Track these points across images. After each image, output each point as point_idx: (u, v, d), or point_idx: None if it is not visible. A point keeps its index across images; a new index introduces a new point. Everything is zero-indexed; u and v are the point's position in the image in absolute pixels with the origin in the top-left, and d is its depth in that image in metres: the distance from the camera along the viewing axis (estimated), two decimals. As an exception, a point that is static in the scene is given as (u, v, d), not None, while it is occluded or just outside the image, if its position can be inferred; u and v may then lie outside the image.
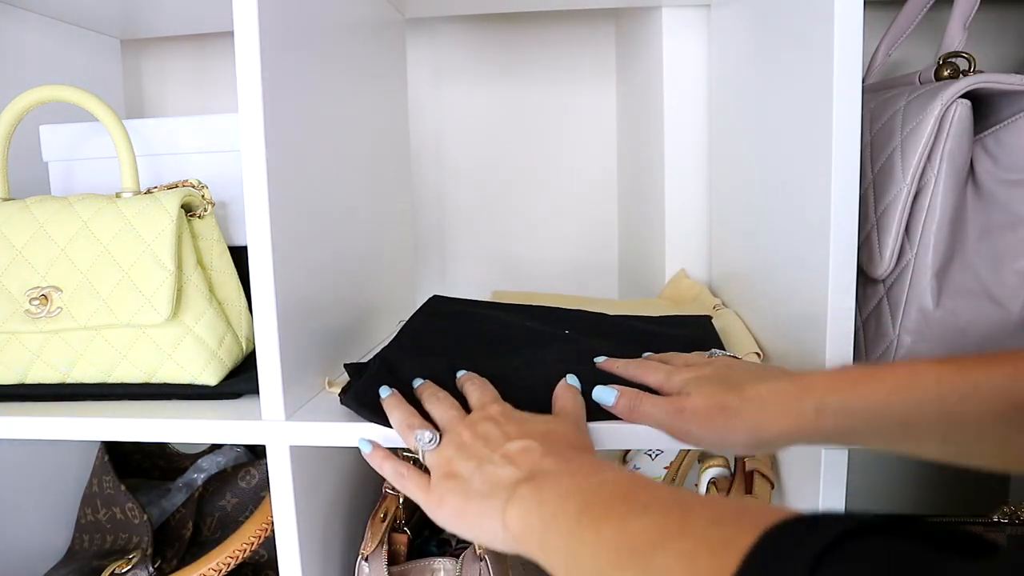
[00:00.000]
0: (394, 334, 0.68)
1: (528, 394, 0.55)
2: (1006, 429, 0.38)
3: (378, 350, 0.64)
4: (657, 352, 0.62)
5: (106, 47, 0.97)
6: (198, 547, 0.74)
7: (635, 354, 0.61)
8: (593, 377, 0.54)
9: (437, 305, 0.76)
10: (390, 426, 0.53)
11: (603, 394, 0.50)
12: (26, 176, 0.69)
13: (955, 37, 0.56)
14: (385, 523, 0.60)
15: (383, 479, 0.64)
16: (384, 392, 0.53)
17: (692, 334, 0.66)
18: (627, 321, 0.70)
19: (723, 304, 0.78)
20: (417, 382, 0.55)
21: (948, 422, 0.39)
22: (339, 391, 0.56)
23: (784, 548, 0.26)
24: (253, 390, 0.56)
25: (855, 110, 0.47)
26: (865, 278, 0.56)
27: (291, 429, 0.54)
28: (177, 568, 0.67)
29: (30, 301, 0.58)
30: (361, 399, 0.54)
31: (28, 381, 0.61)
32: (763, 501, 0.55)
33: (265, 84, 0.51)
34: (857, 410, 0.41)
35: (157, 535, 0.71)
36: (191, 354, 0.60)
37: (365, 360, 0.61)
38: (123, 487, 0.72)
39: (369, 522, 0.61)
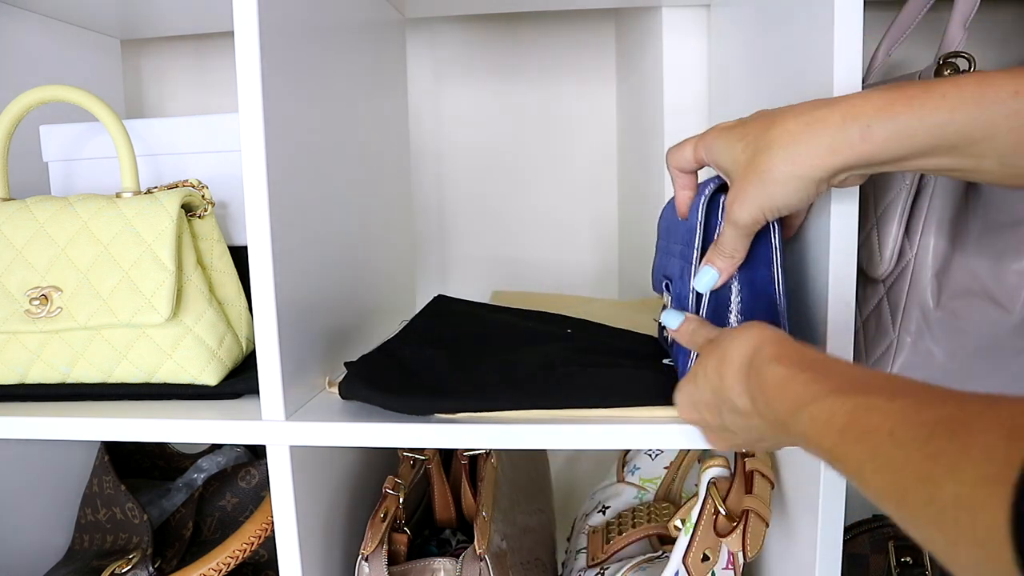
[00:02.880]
0: (395, 332, 0.68)
1: (530, 385, 0.56)
2: None
3: (378, 350, 0.64)
4: (661, 353, 0.62)
5: (106, 47, 0.97)
6: (198, 547, 0.74)
7: (638, 354, 0.62)
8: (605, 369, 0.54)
9: (441, 305, 0.76)
10: (387, 406, 0.54)
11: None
12: (26, 176, 0.69)
13: (955, 37, 0.56)
14: (385, 523, 0.60)
15: (383, 479, 0.64)
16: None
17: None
18: (630, 333, 0.70)
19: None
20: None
21: (1018, 140, 0.36)
22: (338, 384, 0.56)
23: None
24: (253, 390, 0.56)
25: (855, 110, 0.47)
26: (865, 278, 0.56)
27: (291, 429, 0.54)
28: (177, 568, 0.67)
29: (30, 301, 0.58)
30: (358, 378, 0.55)
31: (28, 381, 0.61)
32: (763, 501, 0.55)
33: (265, 84, 0.51)
34: (914, 129, 0.38)
35: (157, 535, 0.71)
36: (191, 354, 0.60)
37: (365, 360, 0.61)
38: (123, 487, 0.72)
39: (369, 522, 0.61)
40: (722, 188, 0.51)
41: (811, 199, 0.43)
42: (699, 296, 0.51)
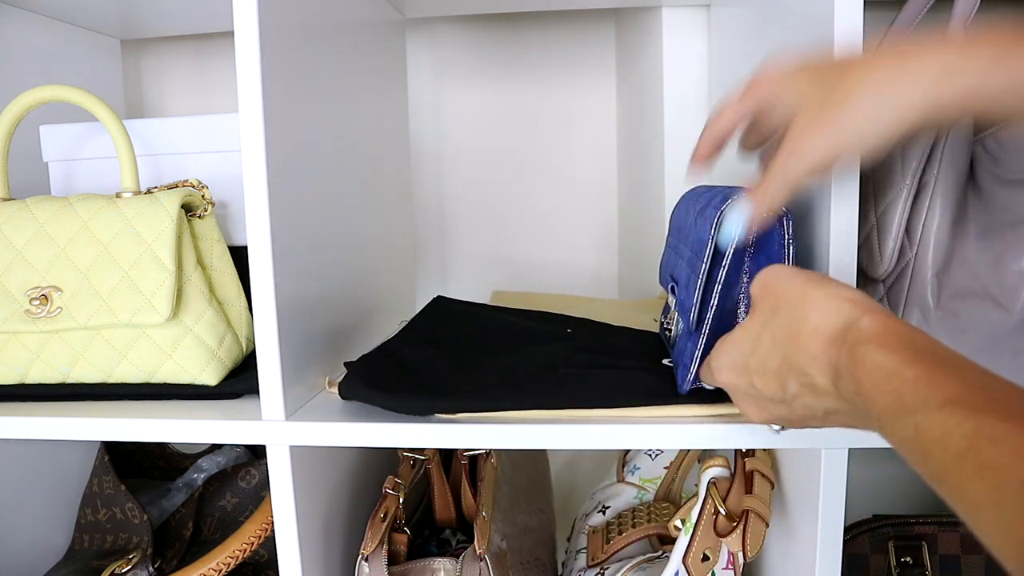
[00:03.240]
0: (395, 333, 0.68)
1: (530, 385, 0.56)
2: None
3: (378, 350, 0.64)
4: (661, 353, 0.62)
5: (106, 47, 0.97)
6: (198, 547, 0.74)
7: (638, 353, 0.62)
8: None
9: (441, 306, 0.76)
10: (387, 406, 0.53)
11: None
12: (26, 176, 0.69)
13: (955, 37, 0.56)
14: (385, 523, 0.60)
15: (383, 479, 0.64)
16: None
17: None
18: (630, 332, 0.70)
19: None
20: None
21: None
22: (338, 384, 0.56)
23: None
24: (253, 390, 0.56)
25: (855, 110, 0.47)
26: (865, 278, 0.56)
27: (291, 429, 0.54)
28: (177, 568, 0.67)
29: (30, 301, 0.58)
30: (358, 378, 0.55)
31: (28, 381, 0.61)
32: (763, 501, 0.55)
33: (265, 84, 0.51)
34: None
35: (157, 535, 0.71)
36: (191, 354, 0.60)
37: (365, 360, 0.61)
38: (123, 487, 0.72)
39: (369, 522, 0.61)
40: None
41: (887, 145, 0.40)
42: (703, 303, 0.51)
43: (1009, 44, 0.36)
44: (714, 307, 0.51)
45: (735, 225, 0.47)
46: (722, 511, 0.55)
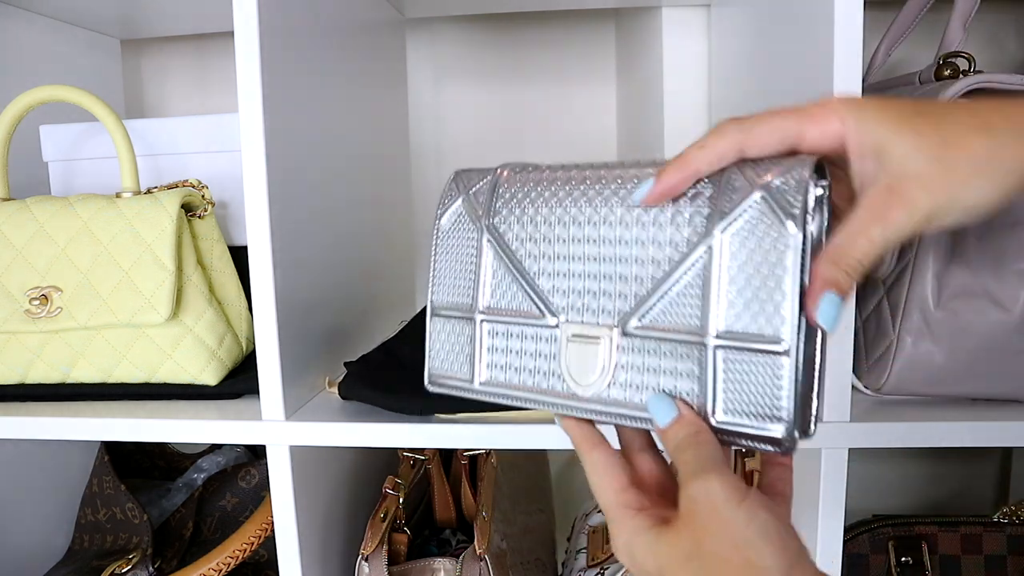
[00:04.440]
0: (395, 333, 0.68)
1: None
2: None
3: (378, 350, 0.64)
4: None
5: (106, 47, 0.97)
6: (198, 547, 0.74)
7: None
8: None
9: None
10: (387, 406, 0.53)
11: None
12: (26, 176, 0.69)
13: (955, 37, 0.56)
14: (385, 523, 0.60)
15: (383, 479, 0.64)
16: None
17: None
18: None
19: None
20: None
21: None
22: (338, 384, 0.56)
23: None
24: (253, 390, 0.56)
25: (855, 110, 0.47)
26: (865, 278, 0.56)
27: (291, 429, 0.54)
28: (177, 568, 0.67)
29: (30, 301, 0.58)
30: (358, 378, 0.54)
31: (28, 381, 0.61)
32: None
33: (265, 84, 0.51)
34: None
35: (157, 535, 0.71)
36: (191, 354, 0.60)
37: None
38: (123, 487, 0.72)
39: (369, 522, 0.61)
40: None
41: (998, 206, 0.33)
42: None
43: None
44: None
45: (835, 316, 0.33)
46: (722, 511, 0.55)
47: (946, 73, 0.56)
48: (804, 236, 0.32)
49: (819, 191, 0.34)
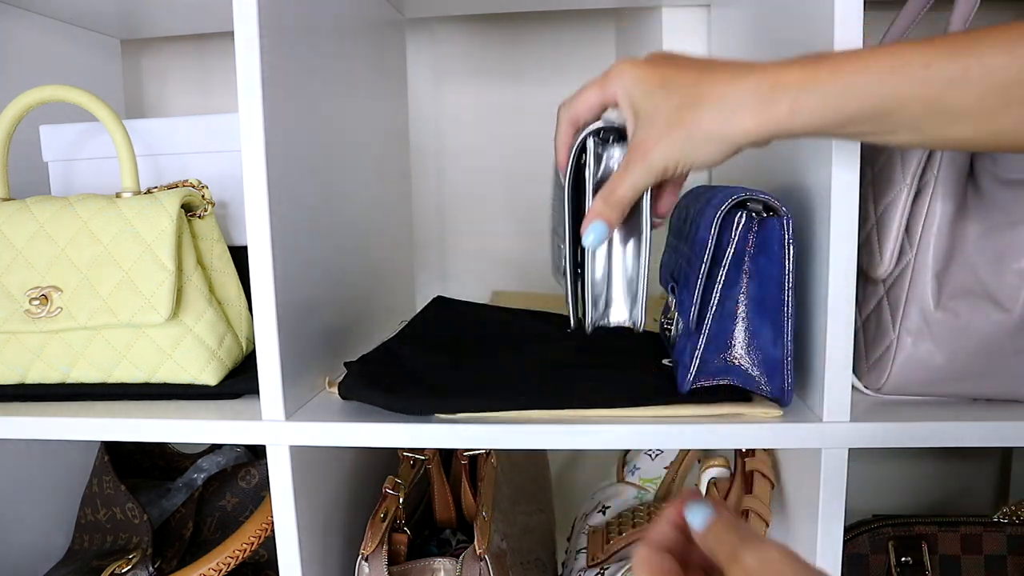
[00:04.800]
0: (395, 333, 0.68)
1: (530, 386, 0.56)
2: (991, 110, 0.37)
3: (378, 350, 0.64)
4: (661, 353, 0.62)
5: (106, 47, 0.97)
6: (198, 547, 0.74)
7: (638, 353, 0.62)
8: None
9: (441, 306, 0.76)
10: (387, 406, 0.53)
11: None
12: (26, 176, 0.69)
13: (955, 37, 0.56)
14: (385, 523, 0.60)
15: (383, 479, 0.64)
16: None
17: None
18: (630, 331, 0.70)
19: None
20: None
21: (930, 109, 0.38)
22: (338, 384, 0.56)
23: None
24: (253, 390, 0.56)
25: (855, 110, 0.47)
26: (865, 278, 0.56)
27: (291, 429, 0.54)
28: (177, 568, 0.67)
29: (30, 301, 0.58)
30: (358, 378, 0.54)
31: (28, 381, 0.61)
32: (763, 501, 0.55)
33: (265, 84, 0.51)
34: (837, 99, 0.39)
35: (157, 535, 0.71)
36: (191, 354, 0.60)
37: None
38: (123, 487, 0.72)
39: (369, 522, 0.61)
40: (740, 204, 0.50)
41: (724, 160, 0.44)
42: (703, 303, 0.51)
43: (824, 61, 0.39)
44: (714, 307, 0.51)
45: (596, 240, 0.47)
46: (722, 511, 0.55)
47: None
48: (569, 182, 0.49)
49: (590, 146, 0.49)
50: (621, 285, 0.51)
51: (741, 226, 0.49)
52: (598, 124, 0.50)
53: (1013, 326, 0.51)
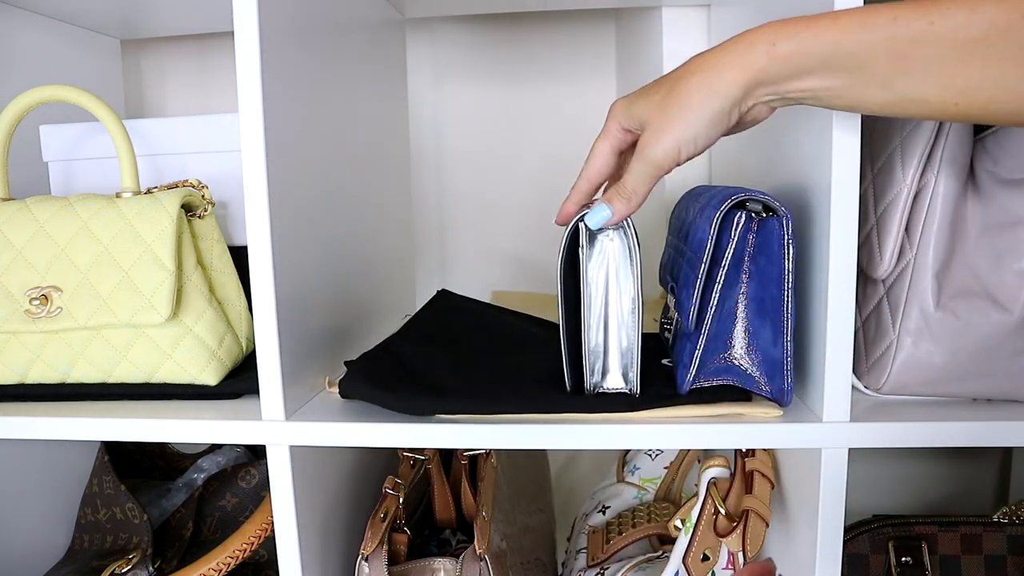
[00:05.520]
0: (400, 327, 0.68)
1: (531, 387, 0.56)
2: (952, 69, 0.39)
3: (378, 350, 0.64)
4: (661, 353, 0.62)
5: (106, 47, 0.97)
6: (198, 547, 0.74)
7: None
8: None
9: (445, 300, 0.76)
10: (387, 405, 0.53)
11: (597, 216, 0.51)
12: (26, 176, 0.69)
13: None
14: (385, 523, 0.60)
15: (383, 479, 0.64)
16: None
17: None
18: None
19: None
20: None
21: (897, 64, 0.40)
22: (339, 382, 0.56)
23: None
24: (253, 390, 0.56)
25: (855, 110, 0.47)
26: (865, 278, 0.56)
27: (291, 429, 0.54)
28: (177, 568, 0.67)
29: (30, 301, 0.58)
30: (359, 376, 0.54)
31: (28, 381, 0.61)
32: (763, 501, 0.55)
33: (265, 84, 0.51)
34: (809, 50, 0.41)
35: (157, 535, 0.71)
36: (191, 354, 0.60)
37: (365, 360, 0.61)
38: (123, 487, 0.72)
39: (369, 522, 0.61)
40: (739, 204, 0.50)
41: (722, 130, 0.46)
42: (702, 303, 0.51)
43: (800, 17, 0.42)
44: (713, 307, 0.51)
45: (600, 221, 0.50)
46: (722, 511, 0.55)
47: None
48: (562, 264, 0.54)
49: (583, 228, 0.53)
50: (616, 355, 0.54)
51: (740, 226, 0.49)
52: (590, 210, 0.52)
53: (1013, 326, 0.51)
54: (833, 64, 0.41)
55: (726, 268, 0.50)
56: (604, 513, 0.74)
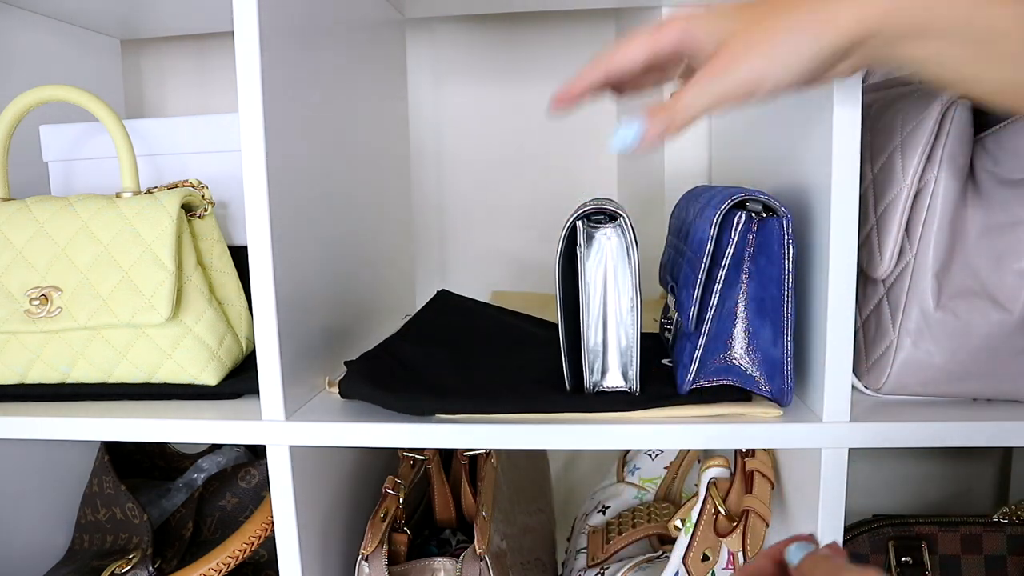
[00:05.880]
0: (400, 327, 0.68)
1: (531, 388, 0.56)
2: None
3: (378, 350, 0.64)
4: (661, 353, 0.62)
5: (106, 47, 0.97)
6: (198, 547, 0.74)
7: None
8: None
9: (445, 300, 0.76)
10: (387, 405, 0.53)
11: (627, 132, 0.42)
12: (26, 176, 0.69)
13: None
14: (385, 523, 0.60)
15: (383, 479, 0.64)
16: None
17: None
18: None
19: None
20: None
21: None
22: (339, 382, 0.56)
23: None
24: (253, 390, 0.56)
25: (855, 110, 0.47)
26: (865, 278, 0.56)
27: (291, 429, 0.54)
28: (177, 568, 0.67)
29: (30, 301, 0.58)
30: (359, 376, 0.54)
31: (28, 381, 0.61)
32: (763, 501, 0.55)
33: (265, 84, 0.51)
34: (942, 10, 0.36)
35: (157, 535, 0.71)
36: (191, 354, 0.60)
37: (365, 360, 0.61)
38: (123, 487, 0.72)
39: (369, 522, 0.61)
40: (739, 204, 0.50)
41: (814, 73, 0.39)
42: (702, 303, 0.51)
43: None
44: (713, 307, 0.51)
45: (629, 137, 0.42)
46: (722, 511, 0.55)
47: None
48: (559, 260, 0.53)
49: (580, 227, 0.53)
50: (615, 353, 0.54)
51: (740, 226, 0.49)
52: (587, 208, 0.52)
53: (1013, 326, 0.51)
54: (962, 31, 0.36)
55: (726, 268, 0.50)
56: (604, 513, 0.74)
